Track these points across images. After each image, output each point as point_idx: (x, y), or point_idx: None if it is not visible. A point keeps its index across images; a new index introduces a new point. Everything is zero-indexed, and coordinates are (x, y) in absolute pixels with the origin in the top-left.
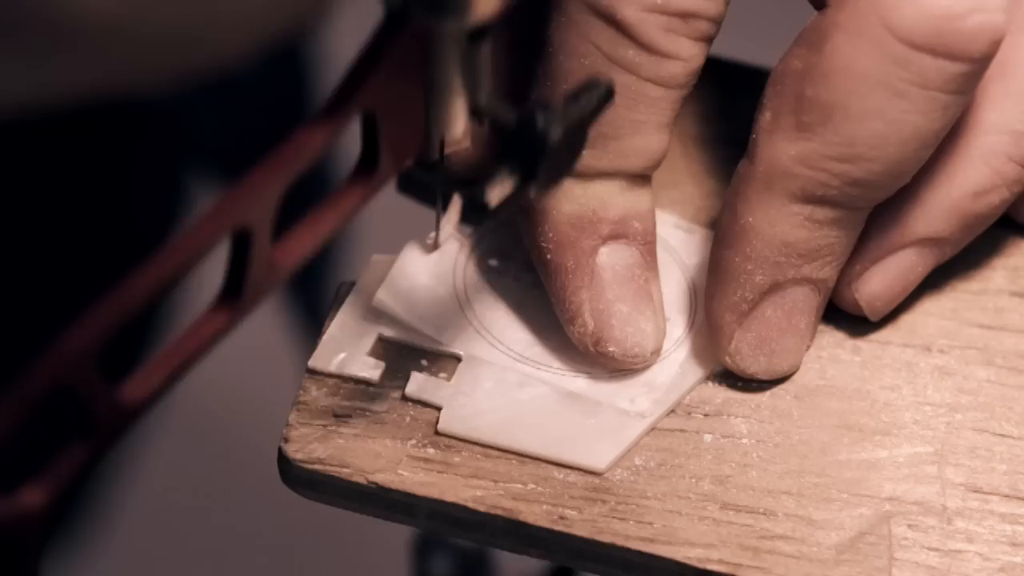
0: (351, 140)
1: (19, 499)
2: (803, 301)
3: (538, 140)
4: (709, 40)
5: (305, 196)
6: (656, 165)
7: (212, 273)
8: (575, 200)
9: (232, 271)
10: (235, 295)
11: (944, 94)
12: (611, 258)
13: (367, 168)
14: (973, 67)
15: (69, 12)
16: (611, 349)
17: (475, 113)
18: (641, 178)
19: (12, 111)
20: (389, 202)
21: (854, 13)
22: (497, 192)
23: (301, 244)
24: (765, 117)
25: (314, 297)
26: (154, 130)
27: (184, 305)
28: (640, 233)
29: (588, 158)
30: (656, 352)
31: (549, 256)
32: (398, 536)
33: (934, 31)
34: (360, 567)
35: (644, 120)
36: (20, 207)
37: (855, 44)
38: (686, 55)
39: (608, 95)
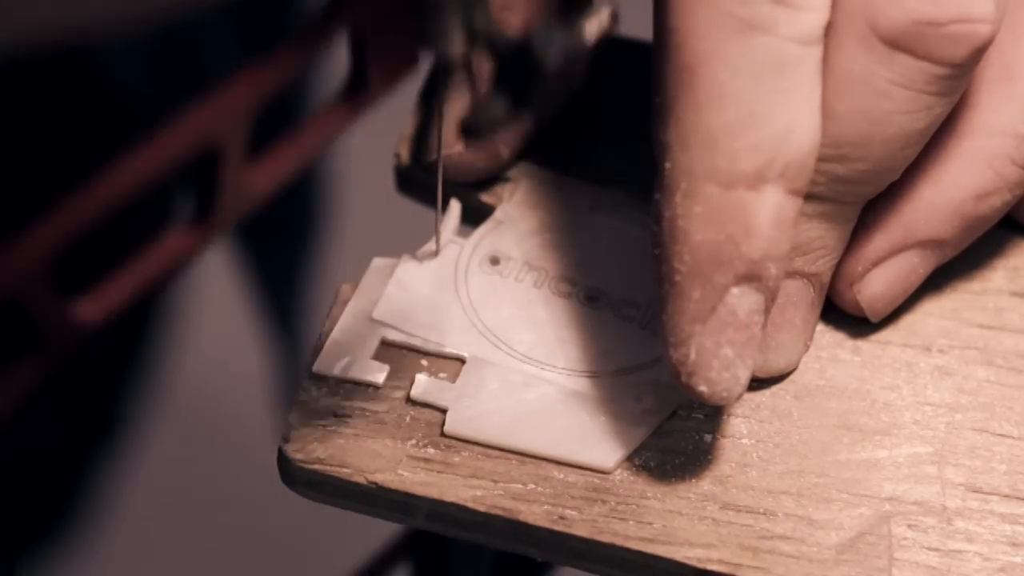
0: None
1: None
2: (797, 295)
3: (534, 66)
4: None
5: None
6: (809, 162)
7: (208, 276)
8: (716, 223)
9: (201, 191)
10: (203, 216)
11: (927, 95)
12: (738, 300)
13: (355, 89)
14: (954, 71)
15: None
16: (701, 388)
17: (471, 35)
18: (793, 197)
19: None
20: (389, 203)
21: (843, 13)
22: (490, 118)
23: (279, 165)
24: None
25: (313, 298)
26: (139, 126)
27: (181, 306)
28: (773, 279)
29: (740, 151)
30: (739, 399)
31: (678, 278)
32: (398, 536)
33: (916, 34)
34: (359, 567)
35: (792, 88)
36: (8, 201)
37: (841, 44)
38: (817, 5)
39: (611, 22)
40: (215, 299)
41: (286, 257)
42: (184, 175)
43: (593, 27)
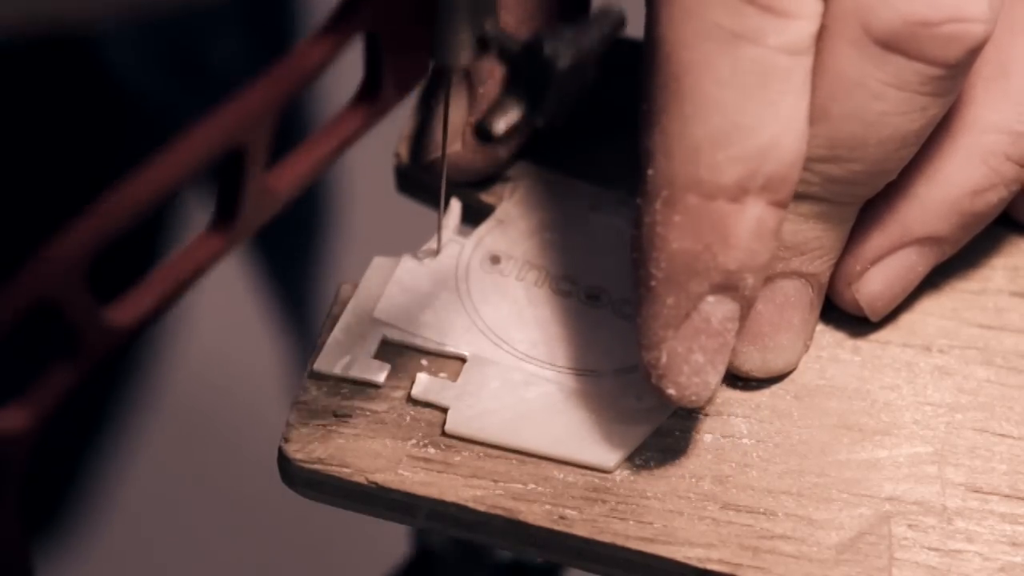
0: None
1: (1, 420)
2: (795, 295)
3: (545, 68)
4: None
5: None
6: (793, 174)
7: (209, 276)
8: (695, 232)
9: (224, 192)
10: (227, 219)
11: (921, 96)
12: (712, 308)
13: (369, 93)
14: (949, 71)
15: None
16: (670, 391)
17: (481, 41)
18: (775, 209)
19: None
20: (389, 202)
21: (836, 15)
22: (503, 121)
23: (298, 169)
24: None
25: (313, 297)
26: (144, 123)
27: (182, 306)
28: (750, 288)
29: (723, 163)
30: (709, 402)
31: (653, 284)
32: (397, 536)
33: (909, 35)
34: (359, 567)
35: (778, 100)
36: (3, 198)
37: (834, 45)
38: (808, 12)
39: (620, 23)
40: (215, 299)
41: (287, 257)
42: (207, 179)
43: (603, 27)
